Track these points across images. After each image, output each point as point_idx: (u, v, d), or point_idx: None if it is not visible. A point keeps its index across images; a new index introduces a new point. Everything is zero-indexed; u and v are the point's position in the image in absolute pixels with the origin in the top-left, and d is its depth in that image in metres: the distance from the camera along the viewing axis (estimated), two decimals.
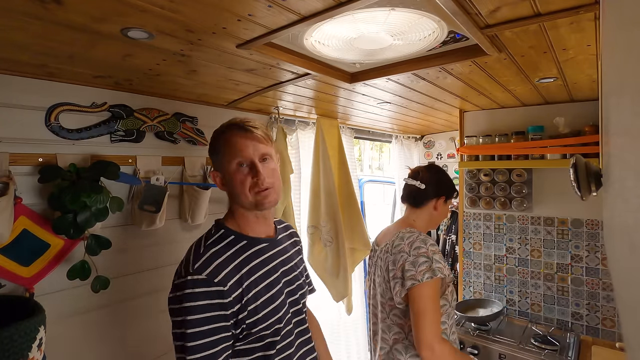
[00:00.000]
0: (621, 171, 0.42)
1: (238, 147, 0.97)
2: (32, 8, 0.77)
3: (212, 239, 0.98)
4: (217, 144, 1.01)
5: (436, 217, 1.51)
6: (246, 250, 0.99)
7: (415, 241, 1.34)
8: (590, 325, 2.16)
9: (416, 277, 1.27)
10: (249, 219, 1.03)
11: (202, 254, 0.93)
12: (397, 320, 1.38)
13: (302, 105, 1.92)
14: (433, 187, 1.47)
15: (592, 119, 1.95)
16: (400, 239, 1.39)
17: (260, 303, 0.94)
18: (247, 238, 1.01)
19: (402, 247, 1.36)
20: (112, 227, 1.39)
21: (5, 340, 0.88)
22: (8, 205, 1.06)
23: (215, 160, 1.03)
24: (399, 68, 1.37)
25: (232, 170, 0.98)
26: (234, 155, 0.97)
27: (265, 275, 0.99)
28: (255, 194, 0.98)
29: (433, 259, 1.29)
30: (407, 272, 1.29)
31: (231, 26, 0.93)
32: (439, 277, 1.27)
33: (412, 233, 1.39)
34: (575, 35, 1.06)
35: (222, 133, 1.01)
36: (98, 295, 1.31)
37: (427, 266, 1.28)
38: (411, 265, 1.29)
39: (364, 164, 16.00)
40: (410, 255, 1.32)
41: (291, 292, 1.06)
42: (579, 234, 2.20)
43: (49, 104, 1.22)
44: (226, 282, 0.89)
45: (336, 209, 2.13)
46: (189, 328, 0.85)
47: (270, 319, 0.95)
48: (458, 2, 0.86)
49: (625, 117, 0.36)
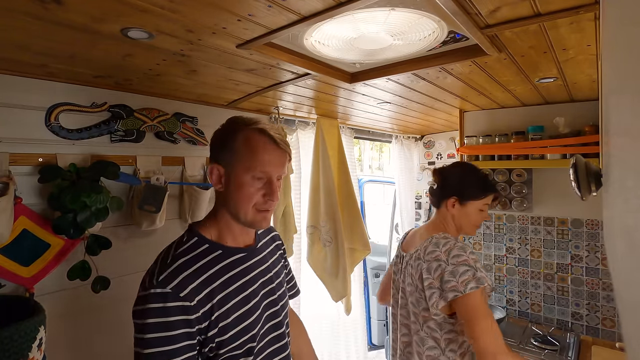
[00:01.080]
0: (621, 171, 0.42)
1: (263, 161, 0.87)
2: (33, 8, 0.77)
3: (183, 247, 0.88)
4: (234, 141, 0.89)
5: (458, 221, 1.39)
6: (221, 261, 0.89)
7: (453, 249, 1.25)
8: (590, 325, 2.16)
9: (458, 289, 1.18)
10: (233, 228, 0.93)
11: (168, 265, 0.83)
12: (432, 333, 1.29)
13: (302, 105, 1.92)
14: (443, 187, 1.40)
15: (592, 119, 1.95)
16: (435, 245, 1.29)
17: (233, 320, 0.86)
18: (222, 248, 0.91)
19: (438, 254, 1.26)
20: (112, 227, 1.39)
21: (5, 340, 0.88)
22: (8, 205, 1.06)
23: (223, 156, 0.90)
24: (399, 68, 1.37)
25: (244, 180, 0.88)
26: (255, 165, 0.87)
27: (241, 288, 0.90)
28: (256, 212, 0.89)
29: (476, 268, 1.20)
30: (447, 282, 1.20)
31: (231, 26, 0.93)
32: (485, 286, 1.18)
33: (448, 239, 1.29)
34: (575, 35, 1.06)
35: (247, 130, 0.89)
36: (98, 295, 1.30)
37: (470, 275, 1.18)
38: (451, 275, 1.20)
39: (364, 164, 16.00)
40: (449, 264, 1.22)
41: (271, 303, 0.99)
42: (579, 234, 2.20)
43: (49, 104, 1.22)
44: (193, 297, 0.80)
45: (336, 209, 2.13)
46: (147, 348, 0.77)
47: (242, 337, 0.87)
48: (458, 2, 0.86)
49: (625, 117, 0.36)
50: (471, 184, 1.38)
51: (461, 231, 1.41)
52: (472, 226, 1.40)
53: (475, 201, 1.37)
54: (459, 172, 1.42)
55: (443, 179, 1.42)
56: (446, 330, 1.28)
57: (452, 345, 1.28)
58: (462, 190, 1.37)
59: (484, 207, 1.39)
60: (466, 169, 1.44)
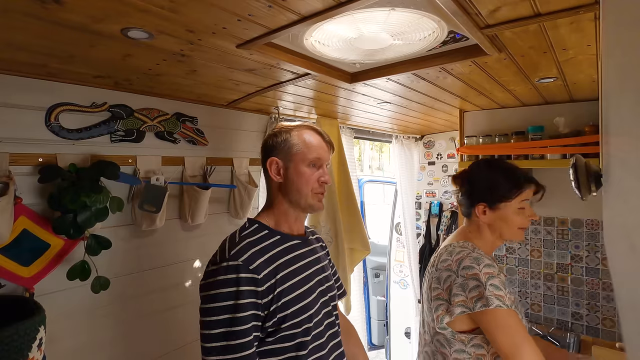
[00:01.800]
0: (621, 171, 0.42)
1: (316, 148, 1.04)
2: (32, 8, 0.77)
3: (247, 231, 1.00)
4: (289, 139, 1.04)
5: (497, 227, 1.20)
6: (280, 244, 1.00)
7: (464, 259, 1.11)
8: (590, 325, 2.16)
9: (467, 305, 1.05)
10: (289, 216, 1.06)
11: (237, 243, 0.94)
12: (441, 348, 1.16)
13: (302, 105, 1.92)
14: (467, 194, 1.25)
15: (592, 119, 1.95)
16: (449, 253, 1.17)
17: (293, 297, 0.94)
18: (280, 234, 1.03)
19: (450, 264, 1.14)
20: (112, 227, 1.39)
21: (5, 340, 0.88)
22: (8, 205, 1.06)
23: (281, 150, 1.04)
24: (399, 68, 1.37)
25: (302, 167, 1.02)
26: (311, 153, 1.03)
27: (299, 270, 1.00)
28: (314, 194, 1.03)
29: (487, 285, 1.04)
30: (455, 296, 1.07)
31: (231, 26, 0.93)
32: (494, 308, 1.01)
33: (464, 248, 1.16)
34: (575, 35, 1.06)
35: (299, 129, 1.06)
36: (98, 296, 1.30)
37: (478, 292, 1.04)
38: (460, 289, 1.07)
39: (364, 164, 16.00)
40: (458, 276, 1.09)
41: (323, 292, 1.06)
42: (579, 234, 2.20)
43: (49, 104, 1.22)
44: (260, 271, 0.90)
45: (336, 209, 2.13)
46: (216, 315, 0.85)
47: (301, 316, 0.95)
48: (458, 2, 0.85)
49: (625, 117, 0.36)
50: (497, 183, 1.19)
51: (505, 238, 1.22)
52: (516, 230, 1.19)
53: (508, 202, 1.18)
54: (479, 173, 1.26)
55: (464, 185, 1.27)
56: (456, 348, 1.13)
57: None
58: (488, 194, 1.20)
59: (523, 205, 1.18)
60: (487, 167, 1.26)
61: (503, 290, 1.05)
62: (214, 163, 1.75)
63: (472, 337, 1.12)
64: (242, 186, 1.82)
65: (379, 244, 4.22)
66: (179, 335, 1.62)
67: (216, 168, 1.75)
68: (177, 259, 1.63)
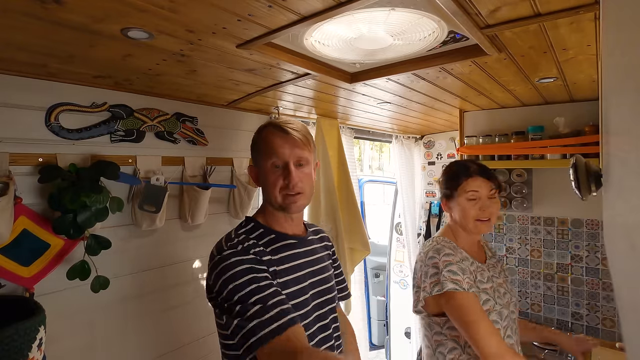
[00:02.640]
0: (621, 171, 0.42)
1: (275, 148, 0.99)
2: (32, 8, 0.77)
3: (243, 229, 1.02)
4: (257, 141, 1.05)
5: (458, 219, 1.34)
6: (273, 243, 1.01)
7: (430, 250, 1.29)
8: (590, 325, 2.16)
9: (426, 289, 1.23)
10: (277, 217, 1.05)
11: (233, 238, 0.96)
12: (425, 331, 1.34)
13: (302, 105, 1.92)
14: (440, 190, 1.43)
15: (592, 119, 1.95)
16: (423, 246, 1.37)
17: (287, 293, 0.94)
18: (274, 232, 1.03)
19: (422, 256, 1.32)
20: (112, 227, 1.39)
21: (5, 340, 0.88)
22: (8, 205, 1.06)
23: (254, 156, 1.07)
24: (399, 68, 1.37)
25: (267, 170, 1.01)
26: (270, 155, 1.00)
27: (290, 270, 1.00)
28: (284, 196, 0.99)
29: (442, 271, 1.20)
30: (423, 282, 1.25)
31: (231, 26, 0.93)
32: (449, 290, 1.16)
33: (433, 242, 1.34)
34: (575, 35, 1.06)
35: (263, 130, 1.05)
36: (98, 295, 1.30)
37: (436, 278, 1.21)
38: (425, 276, 1.25)
39: (364, 164, 16.00)
40: (425, 265, 1.27)
41: (319, 293, 1.05)
42: (579, 234, 2.20)
43: (49, 104, 1.22)
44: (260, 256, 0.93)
45: (336, 209, 2.13)
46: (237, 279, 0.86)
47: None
48: (458, 2, 0.86)
49: (625, 117, 0.36)
50: (448, 177, 1.37)
51: (467, 230, 1.32)
52: (470, 220, 1.29)
53: (457, 192, 1.31)
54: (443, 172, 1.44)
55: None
56: (435, 331, 1.29)
57: (441, 348, 1.29)
58: (445, 188, 1.38)
59: (472, 196, 1.29)
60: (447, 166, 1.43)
61: (460, 275, 1.19)
62: (214, 163, 1.75)
63: (446, 319, 1.24)
64: (242, 186, 1.82)
65: (379, 244, 4.22)
66: (179, 335, 1.62)
67: (216, 168, 1.75)
68: (177, 259, 1.63)
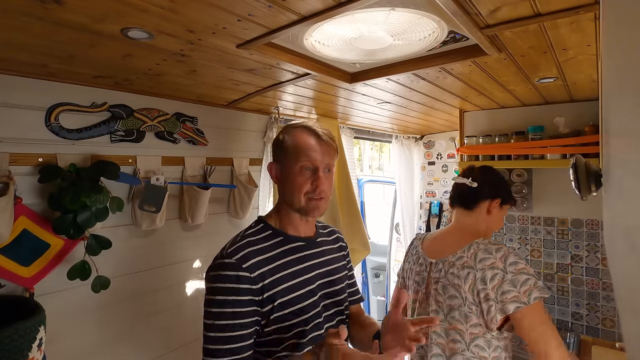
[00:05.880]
0: (621, 171, 0.42)
1: (307, 151, 0.99)
2: (32, 8, 0.77)
3: (251, 230, 1.02)
4: (285, 139, 1.02)
5: (490, 223, 1.31)
6: (282, 245, 1.01)
7: (508, 256, 1.15)
8: (590, 325, 2.16)
9: (520, 299, 1.09)
10: (293, 218, 1.04)
11: (238, 241, 0.96)
12: (480, 352, 1.16)
13: (302, 105, 1.92)
14: (487, 187, 1.31)
15: (592, 119, 1.95)
16: (485, 251, 1.18)
17: (289, 299, 0.94)
18: (284, 235, 1.03)
19: (494, 262, 1.15)
20: (112, 227, 1.39)
21: (5, 340, 0.89)
22: (8, 205, 1.06)
23: (278, 155, 1.04)
24: (399, 68, 1.37)
25: (294, 171, 0.99)
26: (300, 157, 0.98)
27: (297, 273, 0.99)
28: (308, 200, 0.99)
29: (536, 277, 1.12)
30: (507, 293, 1.10)
31: (231, 26, 0.93)
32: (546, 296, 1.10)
33: (499, 246, 1.19)
34: (575, 35, 1.06)
35: (294, 129, 1.03)
36: (98, 295, 1.31)
37: (531, 284, 1.10)
38: (511, 285, 1.10)
39: (364, 164, 15.99)
40: (507, 273, 1.12)
41: (328, 294, 1.05)
42: (579, 234, 2.20)
43: (49, 104, 1.22)
44: (254, 270, 0.91)
45: (336, 209, 2.13)
46: (214, 307, 0.88)
47: (293, 319, 0.94)
48: (458, 2, 0.85)
49: (625, 117, 0.36)
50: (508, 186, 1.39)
51: (486, 235, 1.31)
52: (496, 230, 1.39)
53: (508, 205, 1.37)
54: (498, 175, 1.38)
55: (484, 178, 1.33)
56: (493, 347, 1.17)
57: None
58: (505, 192, 1.35)
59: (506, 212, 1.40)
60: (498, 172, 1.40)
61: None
62: (214, 163, 1.75)
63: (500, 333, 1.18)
64: (242, 186, 1.82)
65: (379, 244, 4.22)
66: (179, 335, 1.62)
67: (216, 168, 1.75)
68: (177, 259, 1.63)
